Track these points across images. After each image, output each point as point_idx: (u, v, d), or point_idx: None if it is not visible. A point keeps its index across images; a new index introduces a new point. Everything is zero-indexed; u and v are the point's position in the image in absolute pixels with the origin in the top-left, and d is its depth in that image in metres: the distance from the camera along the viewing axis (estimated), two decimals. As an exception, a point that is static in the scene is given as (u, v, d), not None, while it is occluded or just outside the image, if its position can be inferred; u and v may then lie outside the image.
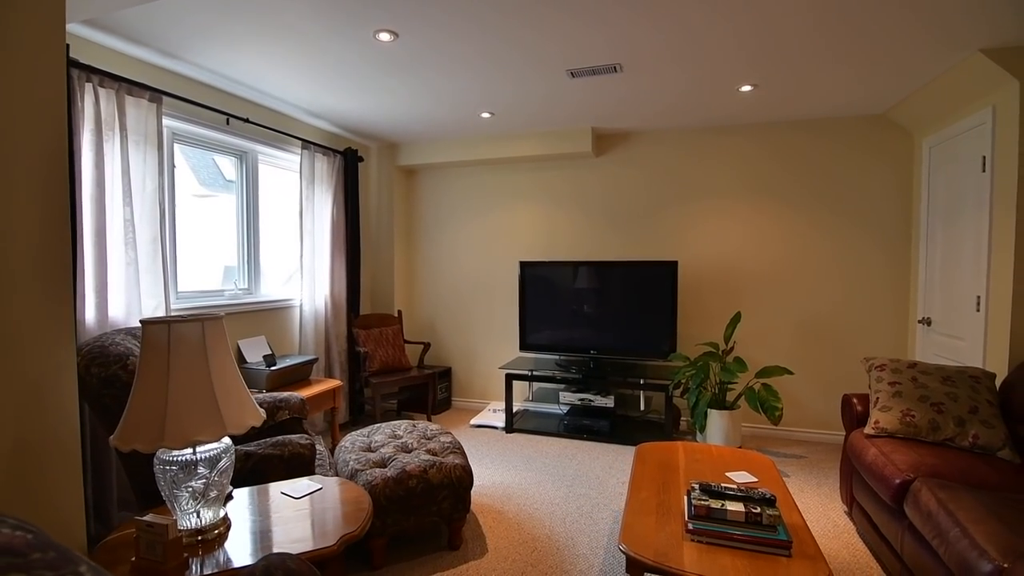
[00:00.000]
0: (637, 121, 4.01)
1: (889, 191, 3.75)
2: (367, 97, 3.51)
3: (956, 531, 1.69)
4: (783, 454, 3.66)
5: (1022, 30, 2.47)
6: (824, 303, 3.90)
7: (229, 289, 3.59)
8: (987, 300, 2.83)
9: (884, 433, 2.41)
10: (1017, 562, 1.48)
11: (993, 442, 2.22)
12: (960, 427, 2.27)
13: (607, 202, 4.42)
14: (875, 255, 3.79)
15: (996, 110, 2.80)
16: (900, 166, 3.73)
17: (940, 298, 3.32)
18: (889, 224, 3.76)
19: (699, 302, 4.20)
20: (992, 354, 2.79)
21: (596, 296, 4.14)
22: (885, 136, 3.75)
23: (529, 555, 2.41)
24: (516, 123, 4.09)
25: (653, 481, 2.22)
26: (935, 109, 3.29)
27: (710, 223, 4.15)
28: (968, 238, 3.03)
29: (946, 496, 1.85)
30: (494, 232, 4.78)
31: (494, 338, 4.81)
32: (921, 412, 2.35)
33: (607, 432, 3.95)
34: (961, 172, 3.12)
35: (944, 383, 2.41)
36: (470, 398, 4.91)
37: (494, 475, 3.32)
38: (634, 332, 4.04)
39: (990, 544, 1.58)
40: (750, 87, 3.25)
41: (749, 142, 4.03)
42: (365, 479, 2.33)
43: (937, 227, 3.38)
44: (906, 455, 2.19)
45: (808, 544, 1.70)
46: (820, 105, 3.58)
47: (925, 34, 2.52)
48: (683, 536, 1.77)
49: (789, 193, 3.96)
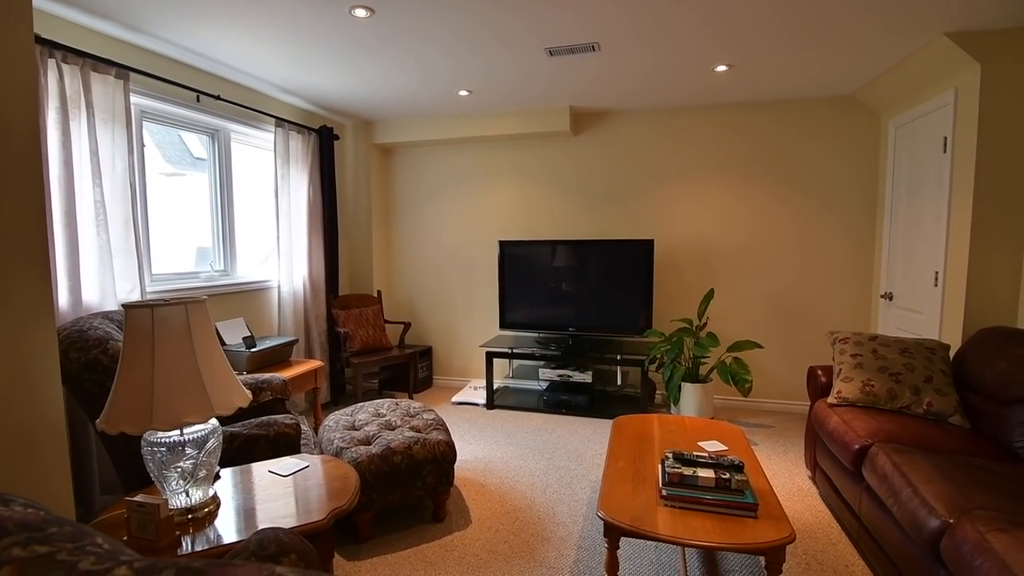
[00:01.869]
0: (614, 100, 4.03)
1: (856, 170, 3.87)
2: (343, 74, 3.45)
3: (908, 491, 1.83)
4: (753, 424, 3.83)
5: (985, 15, 2.55)
6: (792, 279, 4.04)
7: (204, 271, 3.55)
8: (944, 275, 2.98)
9: (846, 402, 2.55)
10: (962, 518, 1.62)
11: (945, 409, 2.38)
12: (916, 395, 2.42)
13: (585, 181, 4.46)
14: (841, 233, 3.93)
15: (958, 92, 2.91)
16: (867, 146, 3.84)
17: (901, 274, 3.47)
18: (855, 203, 3.89)
19: (674, 279, 4.30)
20: (948, 327, 2.95)
21: (574, 274, 4.21)
22: (853, 117, 3.85)
23: (511, 525, 2.51)
24: (494, 101, 4.07)
25: (629, 451, 2.32)
26: (901, 91, 3.39)
27: (685, 202, 4.23)
28: (928, 216, 3.17)
29: (900, 459, 1.99)
30: (473, 211, 4.78)
31: (474, 317, 4.86)
32: (880, 382, 2.49)
33: (585, 407, 4.07)
34: (924, 152, 3.24)
35: (902, 354, 2.55)
36: (451, 376, 4.97)
37: (476, 450, 3.40)
38: (611, 309, 4.13)
39: (938, 502, 1.71)
40: (725, 67, 3.29)
41: (723, 123, 4.10)
42: (350, 456, 2.38)
43: (900, 205, 3.52)
44: (865, 422, 2.33)
45: (773, 507, 1.82)
46: (791, 86, 3.65)
47: (891, 17, 2.59)
48: (657, 502, 1.86)
49: (761, 173, 4.05)
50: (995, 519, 1.56)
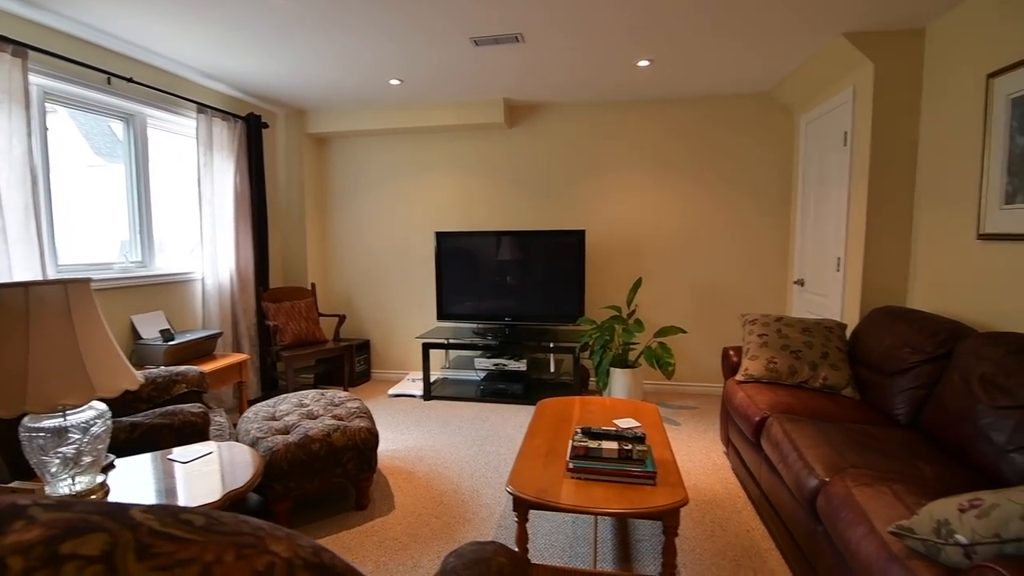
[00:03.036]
0: (546, 93, 4.09)
1: (772, 164, 4.09)
2: (268, 60, 3.36)
3: (794, 455, 1.96)
4: (678, 405, 3.99)
5: (878, 16, 2.75)
6: (715, 267, 4.23)
7: (119, 262, 3.38)
8: (845, 261, 3.20)
9: (752, 379, 2.70)
10: (835, 476, 1.75)
11: (839, 382, 2.56)
12: (813, 370, 2.59)
13: (520, 173, 4.51)
14: (760, 223, 4.14)
15: (856, 90, 3.12)
16: (782, 141, 4.07)
17: (811, 261, 3.70)
18: (772, 195, 4.11)
19: (605, 269, 4.42)
20: (848, 308, 3.17)
21: (511, 265, 4.26)
22: (769, 113, 4.07)
23: (435, 508, 2.52)
24: (427, 92, 4.06)
25: (547, 430, 2.38)
26: (809, 88, 3.61)
27: (615, 194, 4.35)
28: (833, 206, 3.39)
29: (791, 428, 2.13)
30: (411, 202, 4.75)
31: (412, 309, 4.83)
32: (783, 359, 2.65)
33: (521, 394, 4.12)
34: (828, 146, 3.46)
35: (803, 333, 2.73)
36: (389, 369, 4.93)
37: (408, 440, 3.40)
38: (546, 299, 4.20)
39: (818, 463, 1.85)
40: (647, 62, 3.41)
41: (650, 117, 4.24)
42: (266, 446, 2.33)
43: (810, 197, 3.74)
44: (767, 396, 2.48)
45: (672, 475, 1.91)
46: (712, 83, 3.82)
47: (795, 17, 2.75)
48: (565, 475, 1.92)
49: (685, 166, 4.21)
50: (863, 476, 1.69)
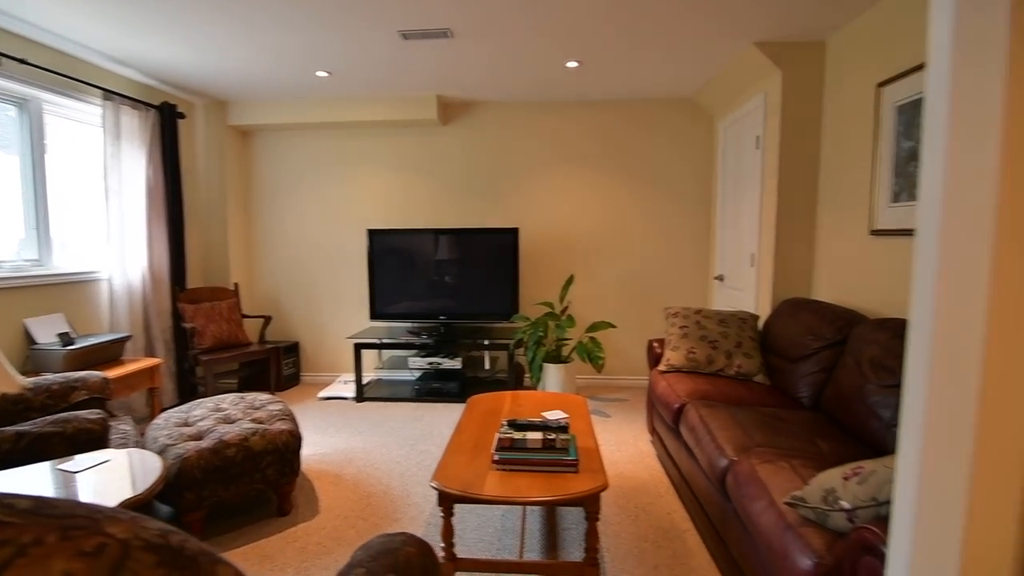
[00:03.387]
0: (480, 91, 4.10)
1: (695, 165, 4.30)
2: (182, 45, 3.17)
3: (707, 438, 2.06)
4: (609, 398, 4.11)
5: (783, 27, 2.94)
6: (643, 264, 4.39)
7: (11, 260, 3.08)
8: (758, 257, 3.40)
9: (673, 368, 2.82)
10: (743, 455, 1.85)
11: (751, 369, 2.71)
12: (728, 359, 2.74)
13: (455, 171, 4.49)
14: (684, 222, 4.34)
15: (767, 96, 3.33)
16: (703, 144, 4.28)
17: (729, 257, 3.91)
18: (695, 195, 4.31)
19: (539, 266, 4.48)
20: (761, 300, 3.37)
21: (445, 263, 4.23)
22: (692, 117, 4.27)
23: (362, 510, 2.46)
24: (357, 85, 3.97)
25: (476, 425, 2.37)
26: (725, 94, 3.82)
27: (548, 193, 4.42)
28: (747, 206, 3.60)
29: (706, 413, 2.23)
30: (342, 200, 4.62)
31: (344, 309, 4.70)
32: (701, 349, 2.78)
33: (456, 393, 4.10)
34: (743, 149, 3.67)
35: (720, 324, 2.88)
36: (320, 372, 4.77)
37: (338, 443, 3.29)
38: (481, 296, 4.20)
39: (728, 444, 1.95)
40: (576, 64, 3.49)
41: (580, 119, 4.34)
42: (176, 453, 2.19)
43: (728, 197, 3.96)
44: (686, 384, 2.59)
45: (594, 461, 1.96)
46: (639, 87, 3.96)
47: (710, 27, 2.90)
48: (490, 467, 1.93)
49: (615, 167, 4.35)
50: (767, 454, 1.81)
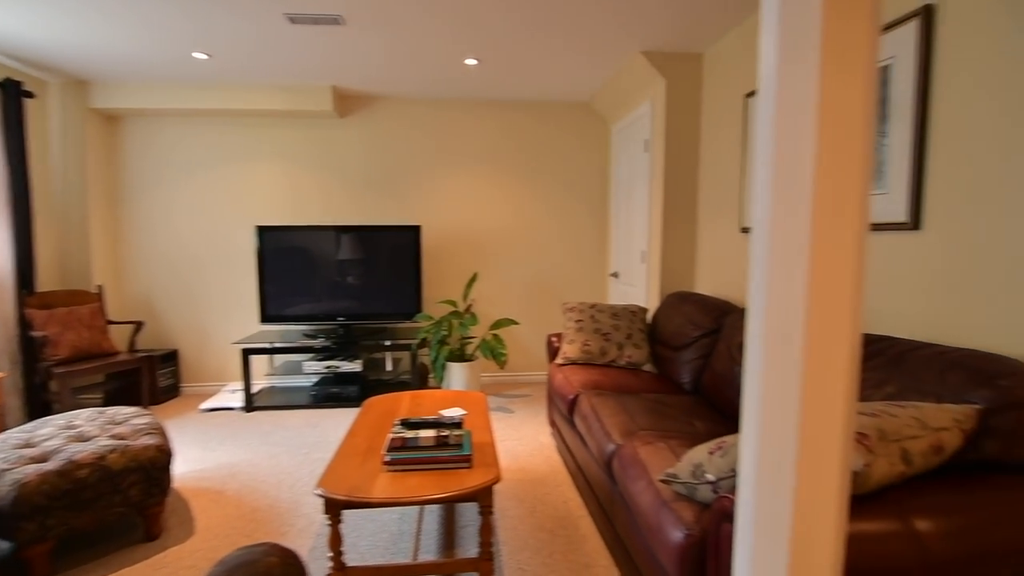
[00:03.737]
0: (378, 84, 3.98)
1: (593, 167, 4.47)
2: (29, 11, 2.75)
3: (597, 425, 2.14)
4: (513, 394, 4.16)
5: (666, 38, 3.13)
6: (545, 262, 4.50)
7: None
8: (648, 254, 3.60)
9: (569, 361, 2.90)
10: (626, 439, 1.94)
11: (640, 359, 2.86)
12: (620, 350, 2.87)
13: (354, 166, 4.33)
14: (584, 221, 4.50)
15: (653, 103, 3.54)
16: (600, 147, 4.46)
17: (624, 255, 4.12)
18: (593, 195, 4.49)
19: (443, 264, 4.44)
20: (650, 295, 3.58)
21: (344, 262, 4.05)
22: (590, 121, 4.44)
23: (244, 527, 2.28)
24: (243, 71, 3.69)
25: (370, 428, 2.29)
26: (617, 100, 4.01)
27: (451, 190, 4.39)
28: (638, 206, 3.80)
29: (597, 402, 2.32)
30: (228, 193, 4.28)
31: (231, 312, 4.35)
32: (595, 341, 2.89)
33: (356, 397, 3.95)
34: (634, 153, 3.87)
35: (612, 317, 3.01)
36: (204, 382, 4.38)
37: (221, 457, 3.04)
38: (382, 296, 4.08)
39: (615, 430, 2.04)
40: (475, 61, 3.49)
41: (483, 117, 4.36)
42: (12, 479, 1.89)
43: (622, 197, 4.16)
44: (581, 376, 2.68)
45: (488, 456, 1.96)
46: (539, 90, 4.05)
47: (599, 36, 3.02)
48: (381, 469, 1.87)
49: (517, 166, 4.41)
50: (649, 437, 1.91)
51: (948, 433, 1.24)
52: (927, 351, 1.55)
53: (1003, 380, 1.32)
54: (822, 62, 0.84)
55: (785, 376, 0.88)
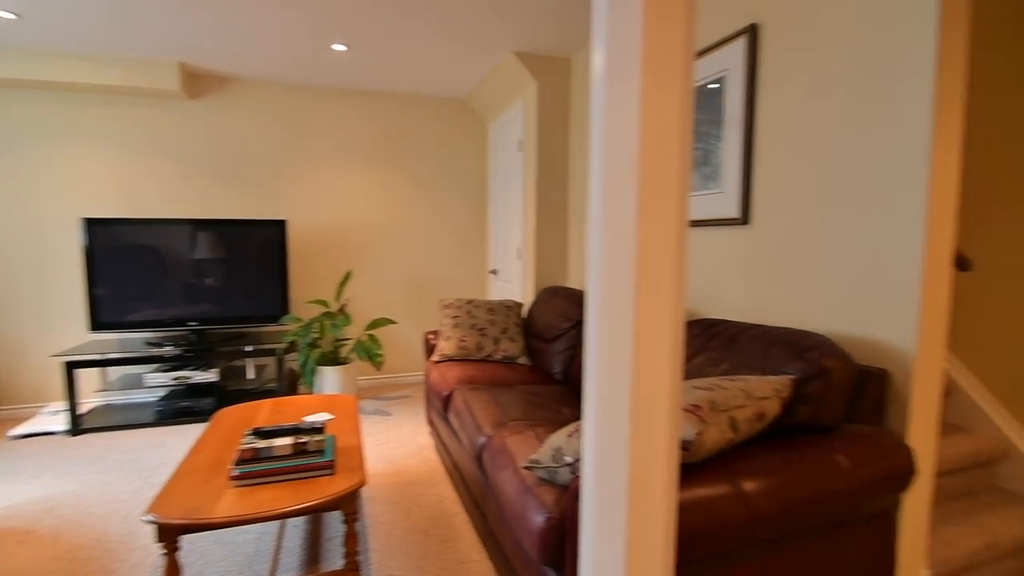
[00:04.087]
0: (236, 65, 3.62)
1: (472, 164, 4.48)
2: None
3: (469, 419, 2.12)
4: (393, 396, 4.02)
5: (536, 41, 3.21)
6: (425, 259, 4.42)
7: None
8: (524, 250, 3.68)
9: (446, 358, 2.86)
10: (497, 431, 1.94)
11: (516, 352, 2.91)
12: (496, 345, 2.89)
13: (208, 154, 3.90)
14: (464, 218, 4.49)
15: (525, 104, 3.62)
16: (478, 144, 4.48)
17: (502, 252, 4.17)
18: (473, 192, 4.50)
19: (313, 262, 4.17)
20: (526, 290, 3.66)
21: (197, 260, 3.62)
22: (467, 117, 4.43)
23: (60, 570, 1.93)
24: (61, 36, 3.15)
25: (220, 441, 2.06)
26: (492, 99, 4.05)
27: (322, 184, 4.14)
28: (513, 203, 3.87)
29: (470, 396, 2.30)
30: (46, 181, 3.63)
31: (51, 321, 3.70)
32: (471, 337, 2.88)
33: (212, 410, 3.56)
34: (509, 151, 3.94)
35: (489, 313, 3.02)
36: (18, 404, 3.68)
37: (34, 491, 2.56)
38: (243, 297, 3.72)
39: (487, 422, 2.03)
40: (343, 47, 3.31)
41: (357, 108, 4.16)
42: None
43: (499, 195, 4.21)
44: (456, 372, 2.65)
45: (354, 460, 1.85)
46: (415, 83, 3.95)
47: (471, 33, 3.01)
48: (227, 485, 1.68)
49: (394, 160, 4.28)
50: (518, 426, 1.92)
51: (769, 401, 1.38)
52: (755, 331, 1.73)
53: (812, 353, 1.51)
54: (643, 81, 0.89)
55: (618, 352, 0.91)
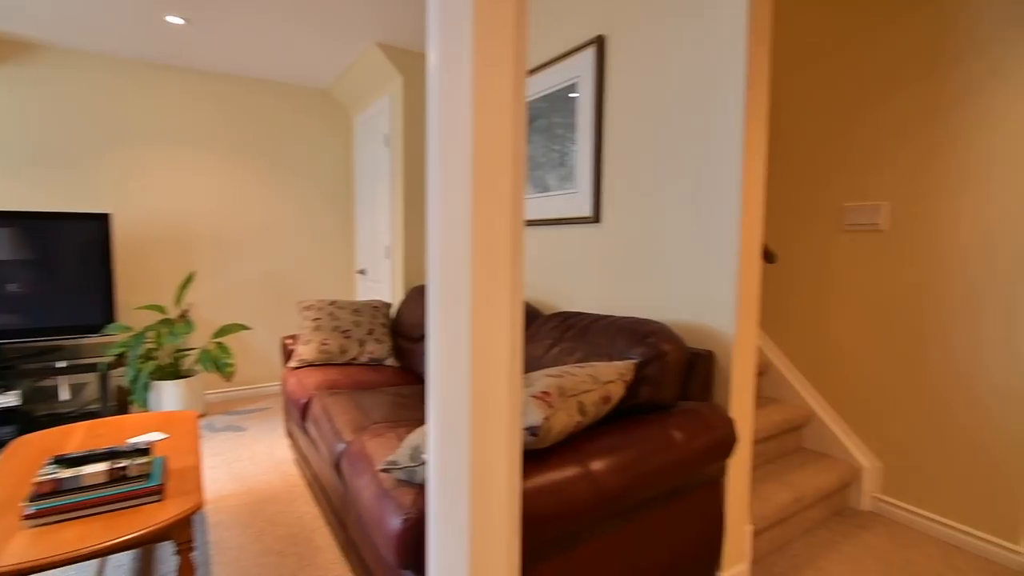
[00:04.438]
0: (44, 28, 3.05)
1: (336, 159, 4.25)
2: None
3: (328, 426, 2.00)
4: (248, 410, 3.68)
5: (404, 32, 3.13)
6: (286, 259, 4.10)
7: None
8: (392, 249, 3.58)
9: (305, 363, 2.68)
10: (355, 436, 1.85)
11: (383, 354, 2.81)
12: (361, 347, 2.77)
13: (10, 134, 3.23)
14: (329, 216, 4.25)
15: (391, 98, 3.52)
16: (343, 138, 4.27)
17: (370, 251, 4.02)
18: (338, 189, 4.27)
19: (148, 262, 3.65)
20: (396, 290, 3.56)
21: (-17, 261, 2.99)
22: (331, 109, 4.20)
23: None
24: None
25: (12, 476, 1.71)
26: (358, 91, 3.89)
27: (158, 174, 3.65)
28: (381, 200, 3.75)
29: (330, 402, 2.18)
30: None
31: None
32: (334, 339, 2.73)
33: (12, 439, 2.95)
34: (375, 146, 3.81)
35: (353, 314, 2.88)
36: None
37: None
38: (55, 304, 3.14)
39: (346, 428, 1.93)
40: (180, 20, 2.95)
41: (203, 91, 3.74)
42: None
43: (367, 191, 4.05)
44: (316, 377, 2.49)
45: (190, 483, 1.65)
46: (271, 68, 3.64)
47: (329, 18, 2.85)
48: (19, 526, 1.40)
49: (248, 151, 3.91)
50: (380, 430, 1.85)
51: (614, 385, 1.48)
52: (605, 321, 1.85)
53: (651, 338, 1.65)
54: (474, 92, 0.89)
55: (456, 343, 0.91)
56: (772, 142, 2.65)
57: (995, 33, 1.92)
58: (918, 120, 2.12)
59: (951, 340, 2.06)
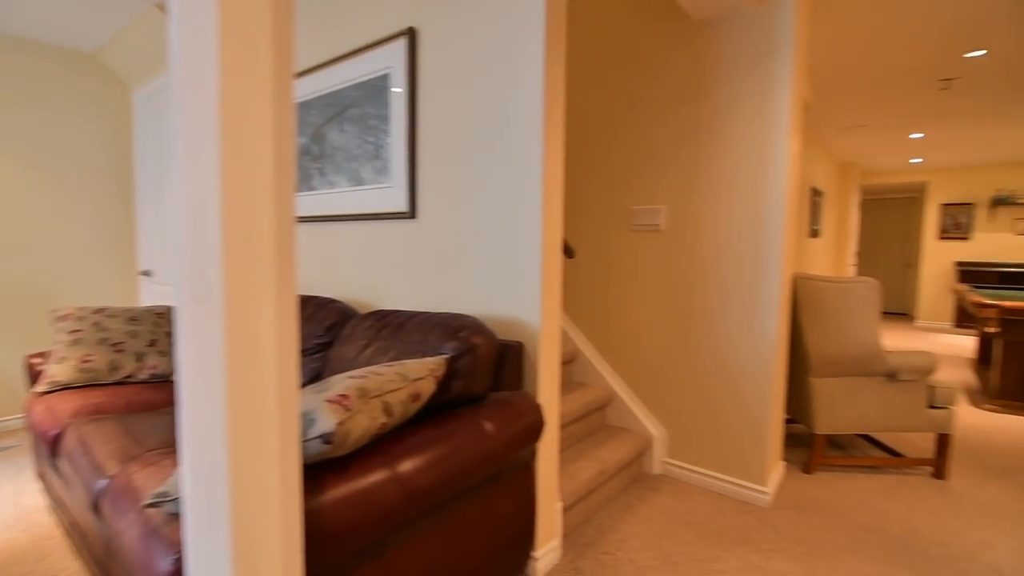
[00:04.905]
0: None
1: (108, 144, 3.55)
2: None
3: (85, 459, 1.65)
4: (-19, 452, 2.89)
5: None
6: (36, 263, 3.29)
7: None
8: (186, 246, 3.10)
9: (59, 386, 2.18)
10: (121, 468, 1.55)
11: (169, 369, 2.42)
12: (140, 361, 2.35)
13: None
14: (97, 209, 3.53)
15: (180, 72, 3.04)
16: (117, 116, 3.58)
17: (158, 248, 3.44)
18: (110, 177, 3.57)
19: None
20: (191, 294, 3.09)
21: None
22: (99, 81, 3.49)
23: None
24: None
25: None
26: (141, 60, 3.30)
27: None
28: (171, 190, 3.23)
29: (89, 431, 1.80)
30: None
31: None
32: (100, 355, 2.27)
33: None
34: (163, 127, 3.27)
35: (130, 323, 2.43)
36: None
37: None
38: None
39: (110, 459, 1.61)
40: None
41: None
42: None
43: (151, 181, 3.46)
44: (73, 403, 2.04)
45: None
46: (22, 20, 2.88)
47: (82, -42, 2.36)
48: None
49: (-31, 121, 3.06)
50: (154, 458, 1.58)
51: (424, 381, 1.46)
52: (420, 318, 1.82)
53: (463, 332, 1.67)
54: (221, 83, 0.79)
55: (208, 348, 0.79)
56: (577, 154, 2.88)
57: (728, 74, 2.33)
58: (688, 136, 2.49)
59: (711, 322, 2.45)
